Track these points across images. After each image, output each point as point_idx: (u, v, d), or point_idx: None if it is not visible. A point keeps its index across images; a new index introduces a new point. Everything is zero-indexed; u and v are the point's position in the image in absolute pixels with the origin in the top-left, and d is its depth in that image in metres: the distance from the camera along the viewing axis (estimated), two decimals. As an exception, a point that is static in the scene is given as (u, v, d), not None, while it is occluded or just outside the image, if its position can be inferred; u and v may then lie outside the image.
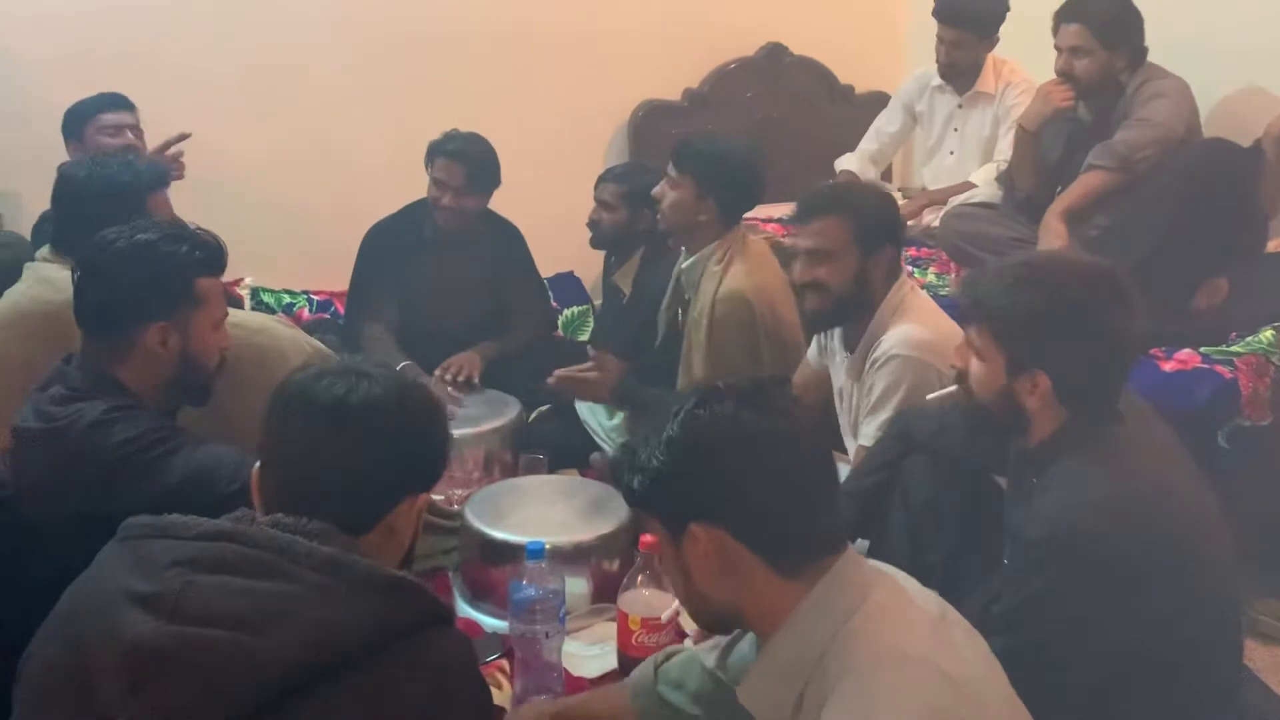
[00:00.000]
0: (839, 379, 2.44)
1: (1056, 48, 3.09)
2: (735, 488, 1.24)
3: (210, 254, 1.85)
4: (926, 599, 1.32)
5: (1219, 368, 2.69)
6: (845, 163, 3.95)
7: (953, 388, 1.85)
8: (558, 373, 2.79)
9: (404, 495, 1.30)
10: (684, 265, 2.68)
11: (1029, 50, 3.51)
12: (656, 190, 2.67)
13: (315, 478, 1.25)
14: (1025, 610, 1.58)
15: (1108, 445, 1.64)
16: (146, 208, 2.24)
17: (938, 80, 3.75)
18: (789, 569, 1.25)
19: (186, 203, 2.61)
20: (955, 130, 3.79)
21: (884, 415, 2.22)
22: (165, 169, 2.43)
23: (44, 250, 2.31)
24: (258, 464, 1.31)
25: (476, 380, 3.07)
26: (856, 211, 2.26)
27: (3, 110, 3.35)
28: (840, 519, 1.33)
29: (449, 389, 2.99)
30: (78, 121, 3.04)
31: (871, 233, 2.25)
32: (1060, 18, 3.07)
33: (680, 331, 2.71)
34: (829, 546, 1.27)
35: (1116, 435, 1.66)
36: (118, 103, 3.08)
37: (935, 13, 3.63)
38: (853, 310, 2.31)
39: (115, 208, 2.21)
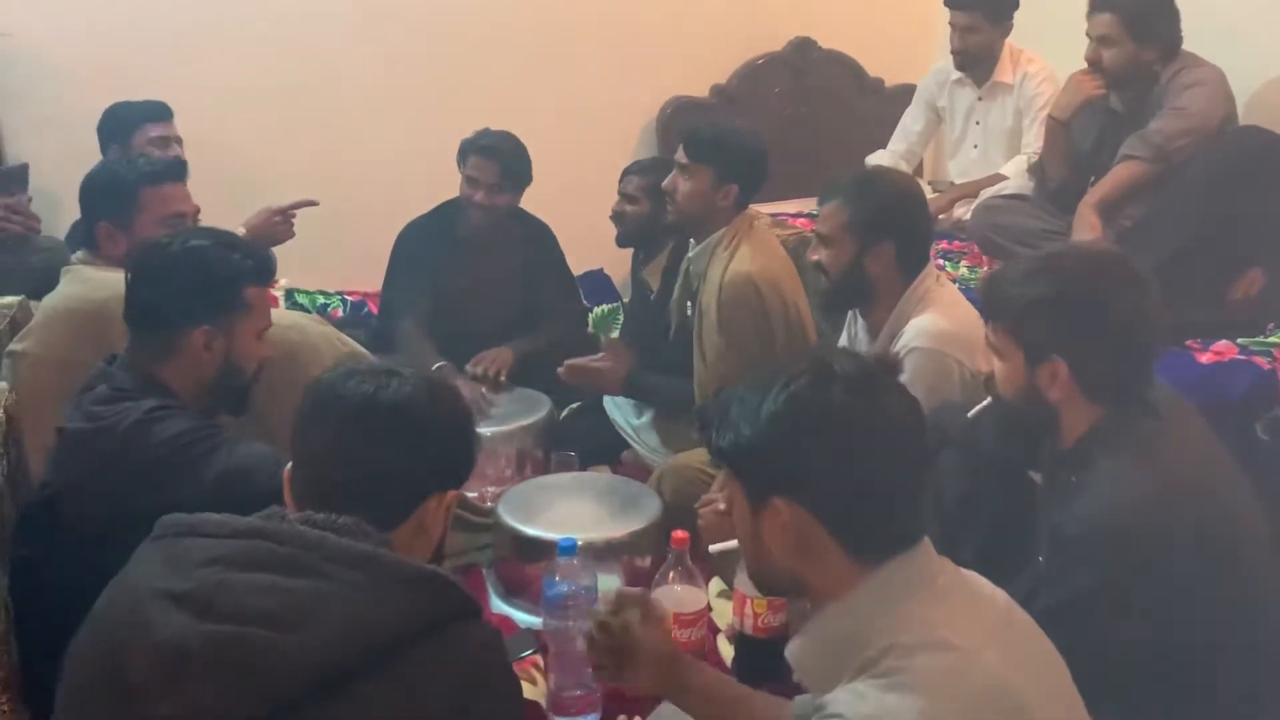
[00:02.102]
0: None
1: (1087, 35, 3.04)
2: (827, 473, 1.23)
3: (260, 263, 1.90)
4: (995, 596, 1.30)
5: (1257, 359, 2.67)
6: (877, 159, 3.94)
7: (988, 400, 1.83)
8: (567, 363, 2.81)
9: (432, 492, 1.31)
10: (691, 255, 2.68)
11: (1044, 41, 3.48)
12: (667, 183, 2.66)
13: (344, 475, 1.27)
14: (1066, 609, 1.55)
15: (1146, 442, 1.62)
16: (139, 199, 2.28)
17: (956, 74, 3.72)
18: (863, 556, 1.25)
19: (221, 207, 2.64)
20: (977, 123, 3.76)
21: None
22: (167, 163, 2.44)
23: (80, 254, 2.35)
24: (290, 463, 1.32)
25: (504, 377, 3.08)
26: (859, 202, 2.27)
27: (42, 116, 3.40)
28: (923, 515, 1.31)
29: (482, 390, 3.00)
30: (122, 128, 3.07)
31: (869, 226, 2.25)
32: (1093, 5, 3.02)
33: (691, 322, 2.69)
34: (908, 540, 1.26)
35: (1154, 432, 1.64)
36: (160, 114, 3.11)
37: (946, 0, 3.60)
38: (852, 296, 2.36)
39: (106, 200, 2.31)
